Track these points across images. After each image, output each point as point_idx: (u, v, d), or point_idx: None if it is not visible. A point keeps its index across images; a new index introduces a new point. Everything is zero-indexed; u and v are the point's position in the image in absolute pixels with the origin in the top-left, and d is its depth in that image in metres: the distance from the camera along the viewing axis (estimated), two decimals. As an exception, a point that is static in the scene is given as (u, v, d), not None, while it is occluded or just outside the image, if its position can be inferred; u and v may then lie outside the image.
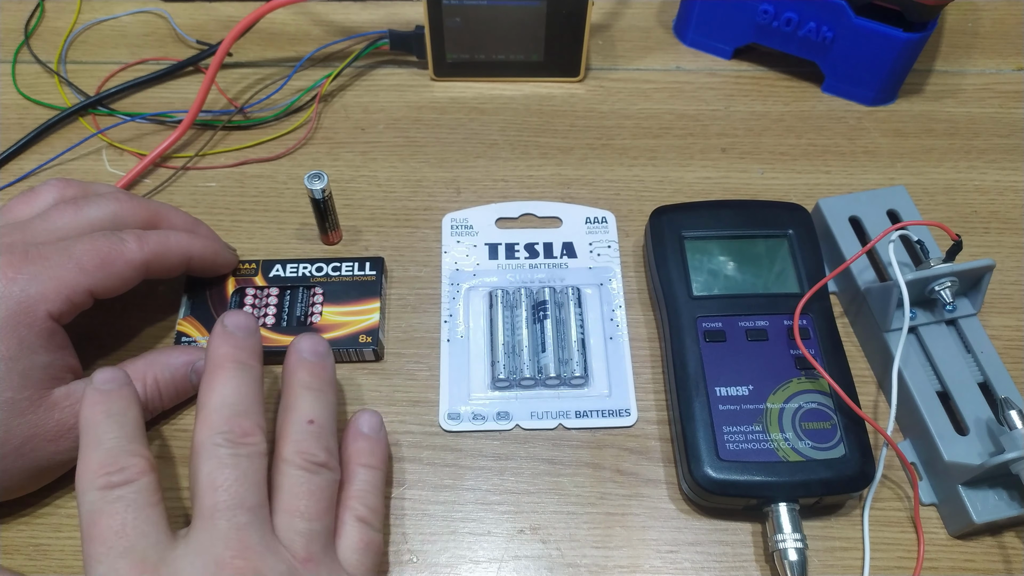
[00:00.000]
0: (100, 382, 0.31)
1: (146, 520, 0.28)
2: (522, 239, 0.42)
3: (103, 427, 0.30)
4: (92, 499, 0.28)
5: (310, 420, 0.31)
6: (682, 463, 0.35)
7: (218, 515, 0.28)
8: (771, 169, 0.46)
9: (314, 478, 0.30)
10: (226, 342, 0.31)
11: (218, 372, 0.31)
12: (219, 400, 0.30)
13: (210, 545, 0.27)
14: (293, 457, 0.30)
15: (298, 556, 0.28)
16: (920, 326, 0.37)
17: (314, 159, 0.46)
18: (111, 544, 0.27)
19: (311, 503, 0.29)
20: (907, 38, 0.45)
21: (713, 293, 0.38)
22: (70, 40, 0.51)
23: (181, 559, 0.27)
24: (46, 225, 0.33)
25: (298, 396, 0.32)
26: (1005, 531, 0.35)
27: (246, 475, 0.29)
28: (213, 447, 0.29)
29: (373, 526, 0.31)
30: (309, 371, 0.32)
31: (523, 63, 0.49)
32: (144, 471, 0.29)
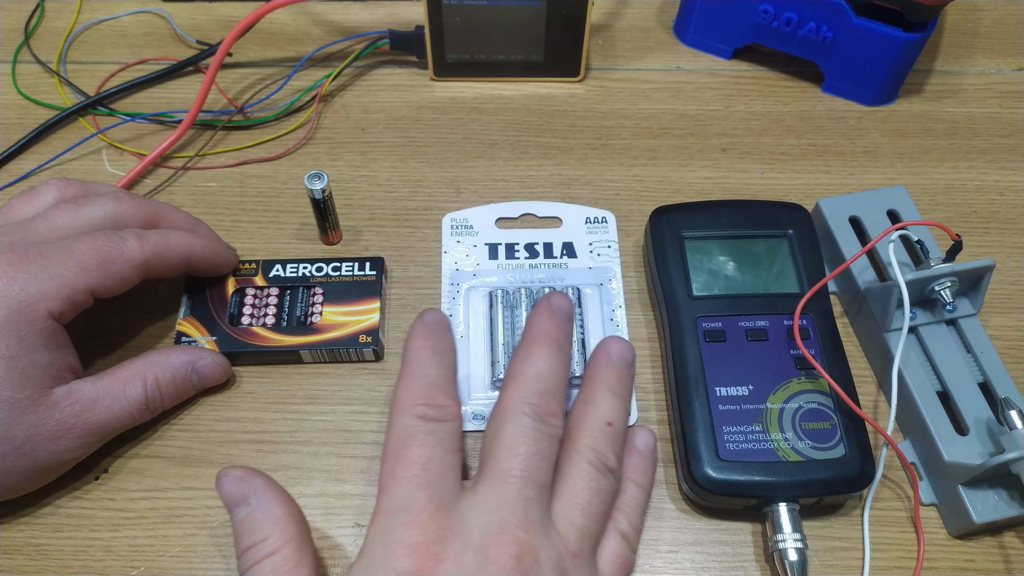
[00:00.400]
0: (430, 320, 0.32)
1: (449, 463, 0.29)
2: (522, 239, 0.42)
3: (429, 361, 0.31)
4: (407, 423, 0.29)
5: (609, 422, 0.31)
6: (682, 463, 0.35)
7: (511, 480, 0.28)
8: (771, 169, 0.46)
9: (601, 479, 0.30)
10: (550, 320, 0.32)
11: (538, 345, 0.31)
12: (535, 372, 0.30)
13: (498, 506, 0.27)
14: (587, 452, 0.30)
15: (569, 547, 0.28)
16: (920, 326, 0.37)
17: (314, 159, 0.46)
18: (416, 472, 0.28)
19: (594, 501, 0.29)
20: (907, 38, 0.45)
21: (713, 293, 0.38)
22: (70, 40, 0.51)
23: (469, 510, 0.28)
24: (46, 224, 0.34)
25: (600, 395, 0.32)
26: (1005, 531, 0.35)
27: (543, 452, 0.29)
28: (520, 414, 0.29)
29: (631, 544, 0.31)
30: (615, 375, 0.32)
31: (523, 63, 0.49)
32: (456, 416, 0.30)
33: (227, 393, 0.38)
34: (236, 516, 0.29)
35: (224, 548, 0.34)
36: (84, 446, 0.33)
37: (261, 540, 0.28)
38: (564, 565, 0.28)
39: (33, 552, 0.34)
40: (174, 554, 0.34)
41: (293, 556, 0.28)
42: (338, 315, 0.39)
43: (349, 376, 0.38)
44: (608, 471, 0.30)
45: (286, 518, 0.29)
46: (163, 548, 0.34)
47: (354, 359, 0.39)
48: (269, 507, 0.29)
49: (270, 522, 0.29)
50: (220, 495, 0.30)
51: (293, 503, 0.30)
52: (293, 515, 0.30)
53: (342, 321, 0.39)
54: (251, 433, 0.37)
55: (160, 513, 0.35)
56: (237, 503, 0.29)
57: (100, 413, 0.33)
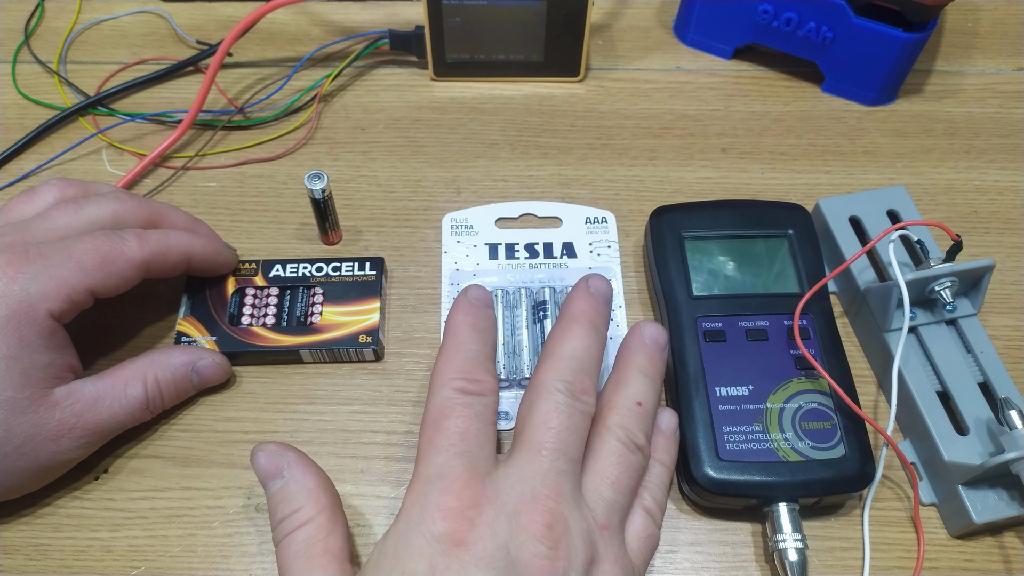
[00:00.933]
0: (473, 297, 0.33)
1: (485, 435, 0.30)
2: (522, 239, 0.42)
3: (470, 336, 0.32)
4: (447, 395, 0.30)
5: (639, 402, 0.32)
6: (682, 463, 0.35)
7: (544, 452, 0.29)
8: (771, 169, 0.46)
9: (630, 456, 0.31)
10: (587, 301, 0.33)
11: (574, 326, 0.32)
12: (569, 351, 0.31)
13: (531, 477, 0.28)
14: (616, 429, 0.31)
15: (598, 520, 0.29)
16: (920, 326, 0.37)
17: (314, 159, 0.46)
18: (453, 441, 0.29)
19: (622, 476, 0.30)
20: (907, 38, 0.45)
21: (713, 293, 0.38)
22: (70, 40, 0.51)
23: (503, 479, 0.28)
24: (47, 224, 0.34)
25: (632, 376, 0.33)
26: (1005, 531, 0.35)
27: (576, 427, 0.30)
28: (554, 391, 0.30)
29: (656, 520, 0.32)
30: (648, 357, 0.33)
31: (523, 63, 0.49)
32: (493, 390, 0.31)
33: (227, 393, 0.38)
34: (271, 488, 0.31)
35: (224, 548, 0.34)
36: (84, 446, 0.33)
37: (296, 510, 0.30)
38: (593, 536, 0.28)
39: (33, 552, 0.34)
40: (174, 554, 0.34)
41: (326, 525, 0.29)
42: (338, 315, 0.39)
43: (349, 376, 0.38)
44: (636, 448, 0.31)
45: (318, 489, 0.30)
46: (163, 548, 0.34)
47: (354, 359, 0.39)
48: (303, 479, 0.30)
49: (303, 493, 0.30)
50: (255, 469, 0.31)
51: (324, 475, 0.31)
52: (325, 486, 0.31)
53: (342, 321, 0.39)
54: (251, 433, 0.37)
55: (160, 513, 0.35)
56: (272, 476, 0.31)
57: (100, 413, 0.33)
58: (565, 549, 0.27)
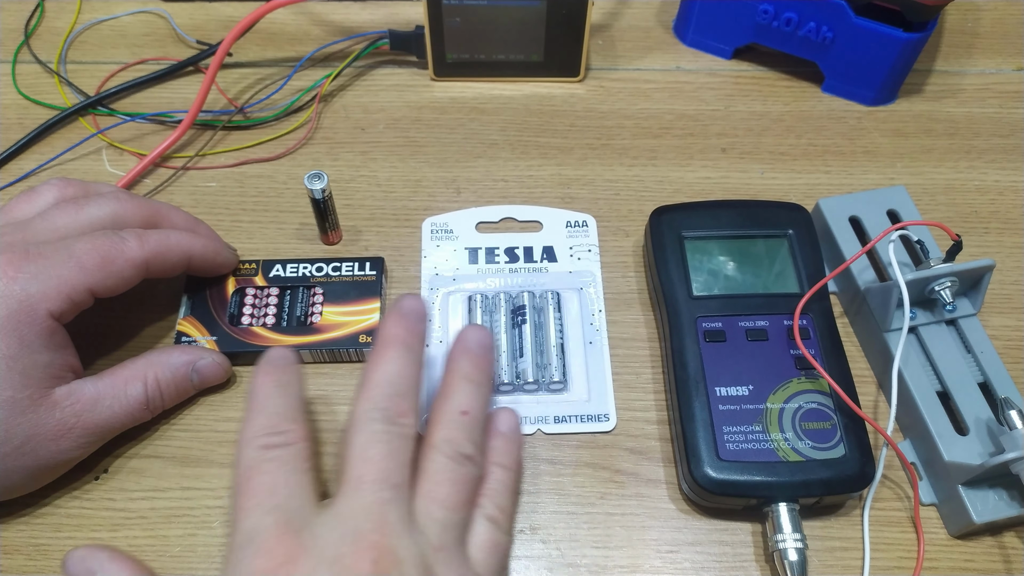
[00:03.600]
0: (273, 357, 0.32)
1: (296, 483, 0.28)
2: (502, 243, 0.42)
3: (271, 395, 0.31)
4: (250, 455, 0.29)
5: (464, 411, 0.31)
6: (682, 463, 0.35)
7: (364, 486, 0.28)
8: (771, 169, 0.46)
9: (459, 469, 0.30)
10: (398, 324, 0.32)
11: (386, 350, 0.31)
12: (382, 377, 0.30)
13: (351, 516, 0.27)
14: (441, 445, 0.30)
15: (432, 543, 0.28)
16: (920, 326, 0.37)
17: (314, 159, 0.46)
18: (260, 500, 0.28)
19: (452, 493, 0.29)
20: (907, 38, 0.45)
21: (713, 293, 0.38)
22: (70, 40, 0.51)
23: (322, 526, 0.27)
24: (47, 224, 0.34)
25: (456, 386, 0.32)
26: (1005, 531, 0.35)
27: (395, 453, 0.29)
28: (369, 420, 0.29)
29: (502, 527, 0.31)
30: (472, 362, 0.32)
31: (523, 63, 0.49)
32: (300, 438, 0.30)
33: (227, 393, 0.38)
34: None
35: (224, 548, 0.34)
36: (84, 446, 0.33)
37: None
38: (428, 560, 0.27)
39: (33, 552, 0.34)
40: (174, 554, 0.34)
41: None
42: (338, 315, 0.39)
43: (349, 376, 0.38)
44: (464, 459, 0.30)
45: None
46: (163, 548, 0.34)
47: (354, 359, 0.39)
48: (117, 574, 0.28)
49: None
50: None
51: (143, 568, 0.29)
52: None
53: (342, 321, 0.39)
54: (251, 433, 0.37)
55: (160, 513, 0.35)
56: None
57: (101, 413, 0.33)
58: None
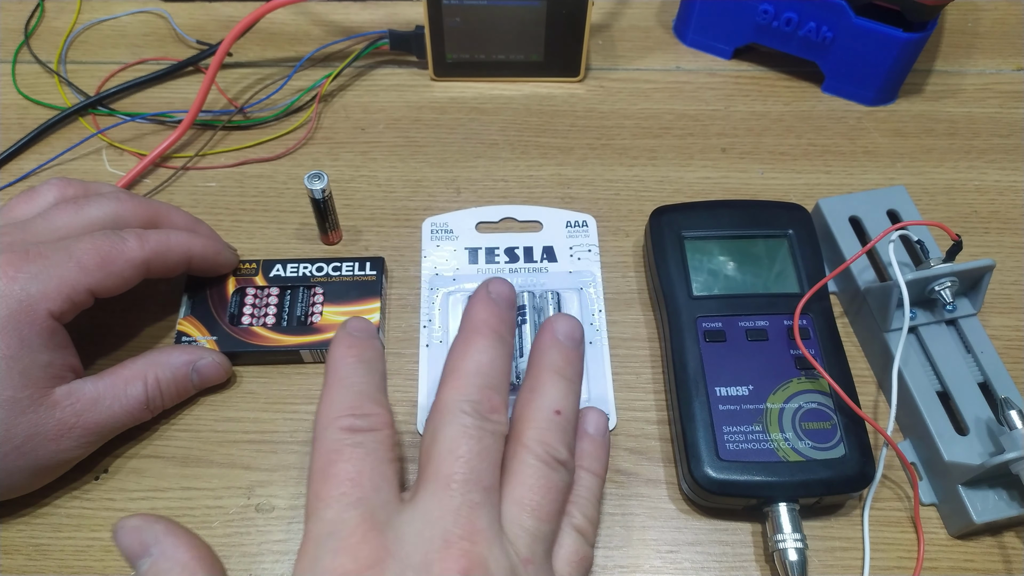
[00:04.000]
0: (353, 329, 0.30)
1: (382, 474, 0.26)
2: (502, 243, 0.42)
3: (354, 370, 0.28)
4: (333, 437, 0.27)
5: (557, 410, 0.29)
6: (682, 463, 0.35)
7: (454, 485, 0.26)
8: (771, 169, 0.46)
9: (552, 474, 0.28)
10: (487, 309, 0.30)
11: (476, 338, 0.29)
12: (473, 366, 0.28)
13: (440, 517, 0.25)
14: (534, 446, 0.28)
15: (520, 554, 0.26)
16: (920, 326, 0.37)
17: (314, 159, 0.46)
18: (344, 490, 0.25)
19: (545, 501, 0.27)
20: (907, 38, 0.45)
21: (713, 293, 0.38)
22: (70, 40, 0.51)
23: (408, 525, 0.25)
24: (47, 224, 0.34)
25: (548, 381, 0.29)
26: (1005, 531, 0.35)
27: (488, 452, 0.27)
28: (460, 413, 0.27)
29: (589, 540, 0.29)
30: (564, 356, 0.30)
31: (523, 63, 0.49)
32: (387, 423, 0.28)
33: (227, 393, 0.38)
34: (139, 569, 0.26)
35: (224, 548, 0.34)
36: (85, 446, 0.33)
37: None
38: (516, 572, 0.26)
39: (33, 552, 0.34)
40: (174, 554, 0.34)
41: None
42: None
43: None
44: (558, 464, 0.28)
45: (194, 563, 0.26)
46: (163, 548, 0.34)
47: (354, 359, 0.39)
48: (174, 553, 0.26)
49: (177, 570, 0.25)
50: (120, 548, 0.26)
51: (203, 546, 0.27)
52: (202, 558, 0.26)
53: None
54: (251, 433, 0.37)
55: (160, 513, 0.34)
56: (137, 555, 0.26)
57: (101, 413, 0.33)
58: None
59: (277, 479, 0.35)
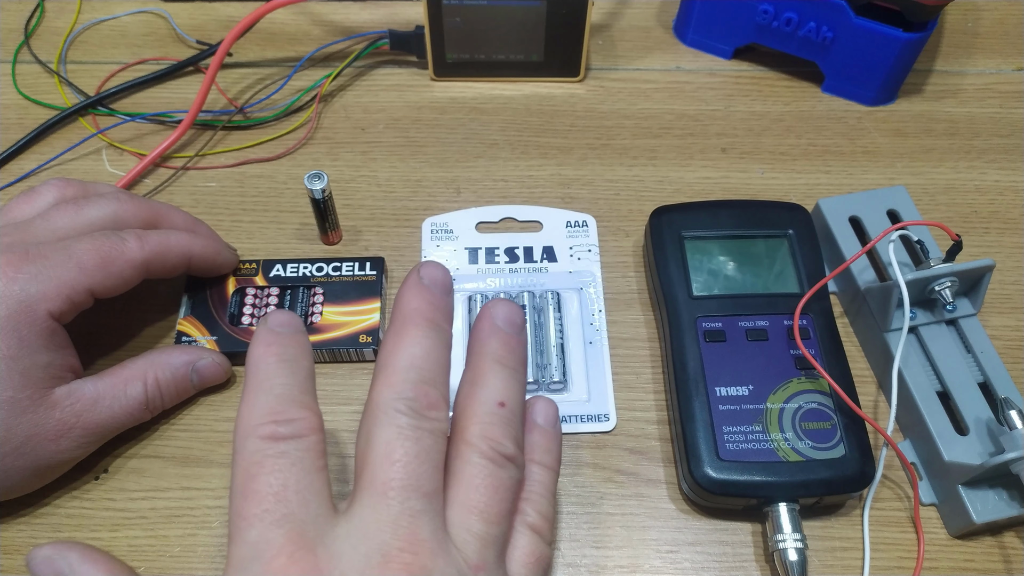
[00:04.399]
0: (275, 324, 0.27)
1: (310, 486, 0.24)
2: (502, 243, 0.42)
3: (275, 371, 0.26)
4: (253, 448, 0.25)
5: (501, 402, 0.27)
6: (682, 463, 0.35)
7: (391, 493, 0.24)
8: (771, 169, 0.46)
9: (499, 472, 0.26)
10: (420, 296, 0.27)
11: (408, 328, 0.27)
12: (407, 361, 0.26)
13: (376, 529, 0.24)
14: (478, 442, 0.26)
15: (469, 561, 0.24)
16: (920, 326, 0.37)
17: (314, 159, 0.46)
18: (268, 507, 0.24)
19: (493, 501, 0.26)
20: (907, 38, 0.45)
21: (713, 293, 0.38)
22: (70, 40, 0.51)
23: (342, 540, 0.24)
24: (46, 225, 0.33)
25: (489, 371, 0.27)
26: (1005, 531, 0.35)
27: (427, 454, 0.25)
28: (394, 412, 0.25)
29: (545, 537, 0.28)
30: (504, 344, 0.28)
31: (523, 63, 0.49)
32: (314, 428, 0.25)
33: (227, 393, 0.38)
34: None
35: (224, 548, 0.34)
36: (84, 446, 0.33)
37: None
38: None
39: (33, 552, 0.34)
40: (174, 554, 0.34)
41: None
42: (338, 315, 0.39)
43: (349, 376, 0.38)
44: (506, 460, 0.26)
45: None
46: (163, 548, 0.34)
47: (354, 359, 0.39)
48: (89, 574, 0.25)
49: None
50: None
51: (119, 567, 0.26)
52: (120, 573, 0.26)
53: (342, 321, 0.39)
54: (251, 433, 0.37)
55: (160, 513, 0.35)
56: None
57: (100, 413, 0.33)
58: None
59: (277, 479, 0.35)
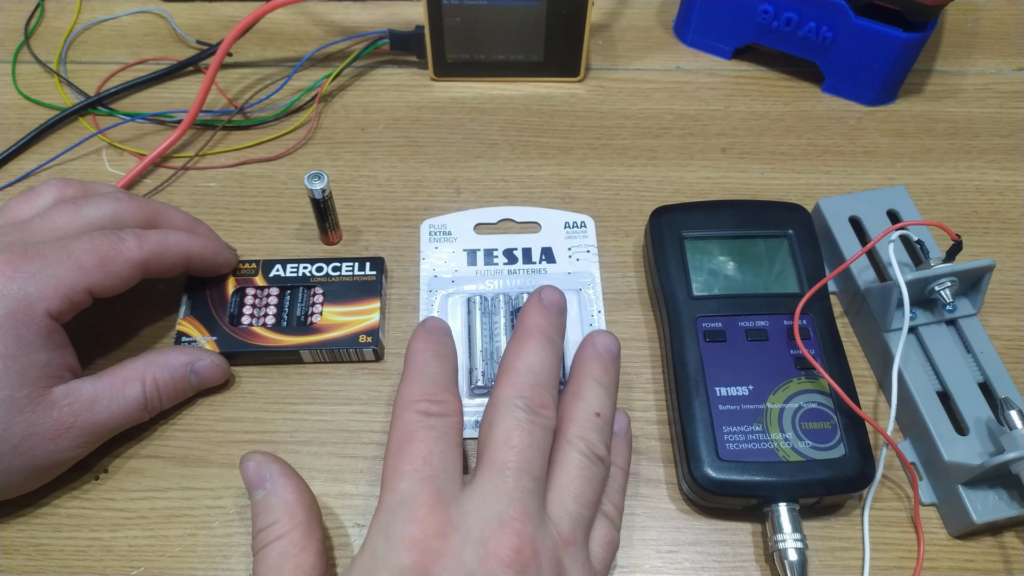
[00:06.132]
0: (431, 327, 0.33)
1: (450, 456, 0.29)
2: (501, 244, 0.42)
3: (431, 362, 0.32)
4: (410, 419, 0.30)
5: (597, 413, 0.32)
6: (682, 463, 0.35)
7: (508, 472, 0.28)
8: (771, 169, 0.46)
9: (592, 467, 0.31)
10: (540, 314, 0.33)
11: (529, 339, 0.32)
12: (526, 365, 0.31)
13: (495, 500, 0.28)
14: (577, 441, 0.31)
15: (563, 535, 0.29)
16: (920, 326, 0.37)
17: (314, 159, 0.46)
18: (417, 466, 0.29)
19: (586, 489, 0.30)
20: (907, 38, 0.45)
21: (713, 293, 0.38)
22: (70, 40, 0.51)
23: (468, 503, 0.28)
24: (46, 224, 0.33)
25: (589, 387, 0.32)
26: (1005, 531, 0.35)
27: (538, 444, 0.30)
28: (513, 407, 0.30)
29: (616, 524, 0.32)
30: (603, 367, 0.33)
31: (523, 63, 0.49)
32: (457, 411, 0.31)
33: (227, 393, 0.38)
34: (253, 498, 0.31)
35: (224, 548, 0.34)
36: (82, 446, 0.33)
37: (272, 523, 0.30)
38: (559, 553, 0.28)
39: (33, 552, 0.34)
40: (174, 554, 0.34)
41: (299, 541, 0.30)
42: (338, 315, 0.39)
43: (349, 376, 0.38)
44: (598, 459, 0.31)
45: (296, 503, 0.30)
46: (163, 548, 0.34)
47: (354, 359, 0.39)
48: (282, 491, 0.31)
49: (281, 506, 0.30)
50: (243, 477, 0.31)
51: (306, 490, 0.31)
52: (304, 500, 0.31)
53: (342, 321, 0.39)
54: (251, 433, 0.37)
55: (160, 513, 0.35)
56: (255, 486, 0.31)
57: (98, 413, 0.33)
58: (534, 572, 0.27)
59: (277, 479, 0.35)
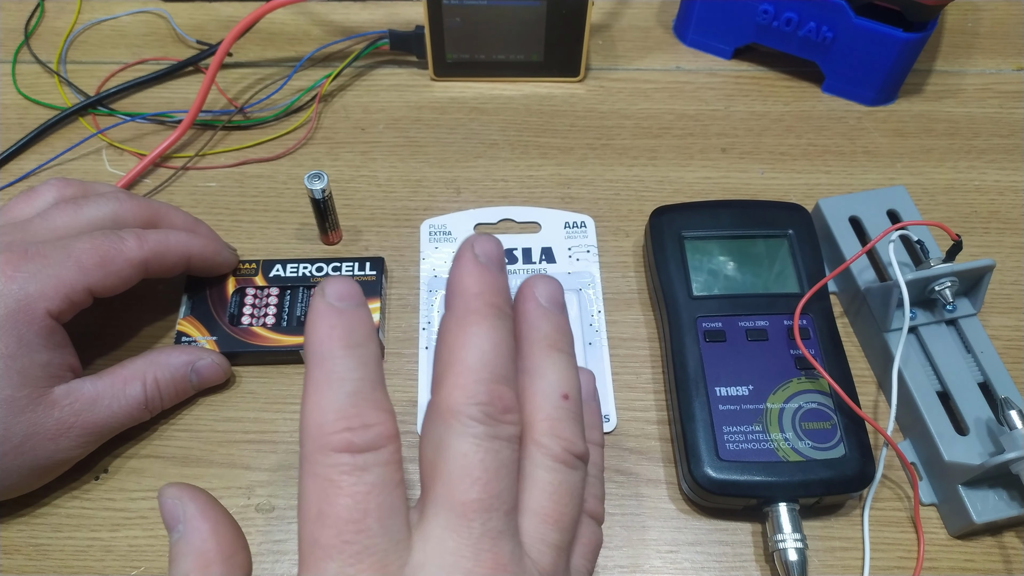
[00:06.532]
0: (334, 296, 0.22)
1: (390, 508, 0.21)
2: None
3: (342, 360, 0.22)
4: (326, 464, 0.21)
5: (564, 394, 0.24)
6: (682, 463, 0.35)
7: (471, 515, 0.21)
8: (771, 169, 0.46)
9: (572, 475, 0.24)
10: (480, 278, 0.23)
11: (473, 319, 0.23)
12: (476, 357, 0.22)
13: (459, 557, 0.21)
14: (550, 443, 0.23)
15: (544, 571, 0.22)
16: (920, 326, 0.37)
17: (314, 159, 0.46)
18: (347, 537, 0.21)
19: (568, 509, 0.23)
20: (907, 38, 0.45)
21: (713, 293, 0.38)
22: (70, 40, 0.51)
23: (423, 569, 0.21)
24: (46, 224, 0.34)
25: (545, 359, 0.24)
26: (1005, 531, 0.35)
27: (506, 468, 0.22)
28: (468, 420, 0.22)
29: (599, 519, 0.26)
30: (555, 326, 0.25)
31: (523, 63, 0.49)
32: (392, 435, 0.22)
33: (227, 393, 0.38)
34: (170, 539, 0.25)
35: None
36: (83, 445, 0.33)
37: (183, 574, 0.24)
38: None
39: (33, 552, 0.34)
40: (174, 554, 0.34)
41: None
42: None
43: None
44: (577, 460, 0.24)
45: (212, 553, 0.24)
46: (163, 548, 0.34)
47: (354, 359, 0.39)
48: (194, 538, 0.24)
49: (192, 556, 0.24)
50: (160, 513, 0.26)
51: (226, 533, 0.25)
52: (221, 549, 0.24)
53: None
54: (251, 433, 0.37)
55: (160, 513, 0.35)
56: (170, 527, 0.25)
57: (99, 412, 0.33)
58: None
59: (277, 479, 0.35)
